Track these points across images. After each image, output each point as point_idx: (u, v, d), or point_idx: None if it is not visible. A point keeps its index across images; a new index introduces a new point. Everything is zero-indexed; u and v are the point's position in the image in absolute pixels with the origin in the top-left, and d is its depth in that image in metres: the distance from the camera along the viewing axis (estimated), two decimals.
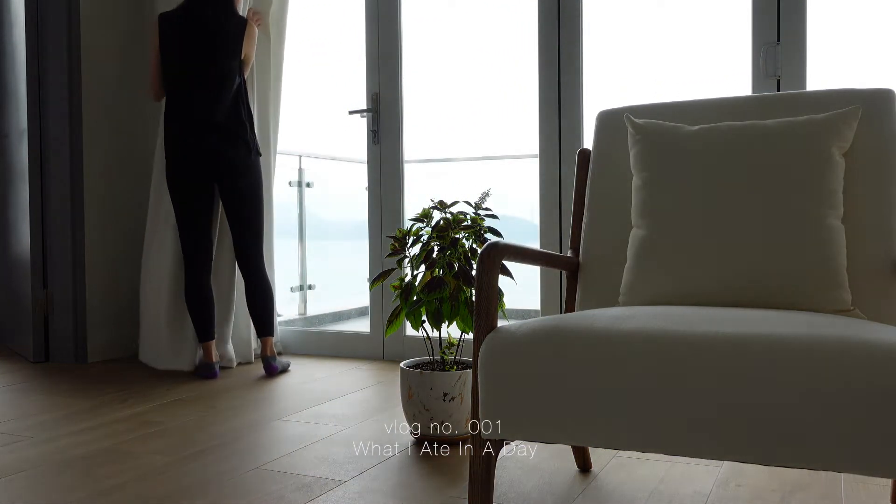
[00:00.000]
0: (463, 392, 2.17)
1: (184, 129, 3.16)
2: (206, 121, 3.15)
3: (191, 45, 3.17)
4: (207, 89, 3.16)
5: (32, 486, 1.84)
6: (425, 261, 2.21)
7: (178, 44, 3.19)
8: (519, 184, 4.39)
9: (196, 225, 3.23)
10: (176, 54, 3.19)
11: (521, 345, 1.31)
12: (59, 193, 3.50)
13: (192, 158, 3.17)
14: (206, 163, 3.17)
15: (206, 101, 3.15)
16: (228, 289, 3.45)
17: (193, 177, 3.19)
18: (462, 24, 5.88)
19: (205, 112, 3.15)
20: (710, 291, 1.55)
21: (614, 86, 3.42)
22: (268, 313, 3.28)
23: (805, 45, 2.75)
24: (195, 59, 3.17)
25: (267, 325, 3.27)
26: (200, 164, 3.17)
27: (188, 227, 3.22)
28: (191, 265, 3.24)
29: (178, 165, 3.18)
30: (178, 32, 3.19)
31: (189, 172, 3.18)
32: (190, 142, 3.16)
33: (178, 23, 3.20)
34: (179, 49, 3.18)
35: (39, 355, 3.55)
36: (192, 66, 3.16)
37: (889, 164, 1.63)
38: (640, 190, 1.70)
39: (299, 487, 1.82)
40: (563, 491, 1.78)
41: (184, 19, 3.20)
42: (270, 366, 3.21)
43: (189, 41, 3.17)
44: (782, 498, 1.71)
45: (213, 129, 3.16)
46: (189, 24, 3.19)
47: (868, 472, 1.10)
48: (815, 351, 1.12)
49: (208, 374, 3.19)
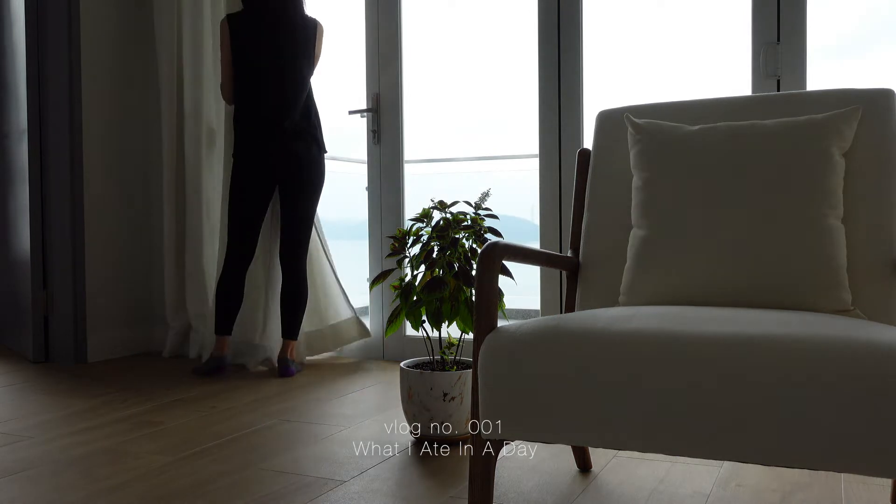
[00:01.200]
0: (463, 392, 2.17)
1: (258, 130, 3.15)
2: (279, 122, 3.15)
3: (267, 45, 3.15)
4: (283, 90, 3.15)
5: (32, 486, 1.84)
6: (425, 261, 2.21)
7: (253, 45, 3.16)
8: (519, 184, 4.39)
9: (252, 224, 3.23)
10: (251, 55, 3.16)
11: (521, 345, 1.31)
12: (59, 193, 3.50)
13: (263, 160, 3.17)
14: (276, 164, 3.17)
15: (281, 102, 3.15)
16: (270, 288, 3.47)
17: (262, 177, 3.19)
18: (462, 24, 5.88)
19: (279, 113, 3.15)
20: (710, 291, 1.55)
21: (614, 86, 3.42)
22: (300, 315, 3.26)
23: (805, 45, 2.75)
24: (272, 60, 3.15)
25: (296, 327, 3.25)
26: (271, 166, 3.17)
27: (243, 224, 3.22)
28: (233, 259, 3.23)
29: (248, 166, 3.18)
30: (252, 33, 3.16)
31: (258, 173, 3.18)
32: (263, 143, 3.15)
33: (252, 23, 3.17)
34: (255, 50, 3.16)
35: (39, 355, 3.55)
36: (269, 66, 3.15)
37: (889, 164, 1.63)
38: (640, 190, 1.70)
39: (299, 487, 1.82)
40: (563, 491, 1.78)
41: (257, 20, 3.17)
42: (288, 368, 3.18)
43: (265, 42, 3.15)
44: (782, 498, 1.71)
45: (286, 130, 3.16)
46: (264, 24, 3.17)
47: (868, 472, 1.10)
48: (815, 351, 1.12)
49: (218, 365, 3.19)
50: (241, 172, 3.20)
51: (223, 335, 3.24)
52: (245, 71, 3.17)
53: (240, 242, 3.23)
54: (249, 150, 3.17)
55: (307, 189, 3.24)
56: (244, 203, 3.21)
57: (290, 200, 3.23)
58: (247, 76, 3.17)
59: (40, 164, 3.54)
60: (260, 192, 3.21)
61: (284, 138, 3.16)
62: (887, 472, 1.09)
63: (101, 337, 3.58)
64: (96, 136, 3.56)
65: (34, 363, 3.51)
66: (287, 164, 3.17)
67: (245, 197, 3.21)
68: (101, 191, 3.58)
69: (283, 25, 3.18)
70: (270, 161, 3.17)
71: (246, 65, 3.17)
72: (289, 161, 3.17)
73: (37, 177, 3.54)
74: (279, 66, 3.15)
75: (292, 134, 3.17)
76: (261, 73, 3.15)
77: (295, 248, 3.24)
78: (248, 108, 3.17)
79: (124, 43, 3.69)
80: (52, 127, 3.50)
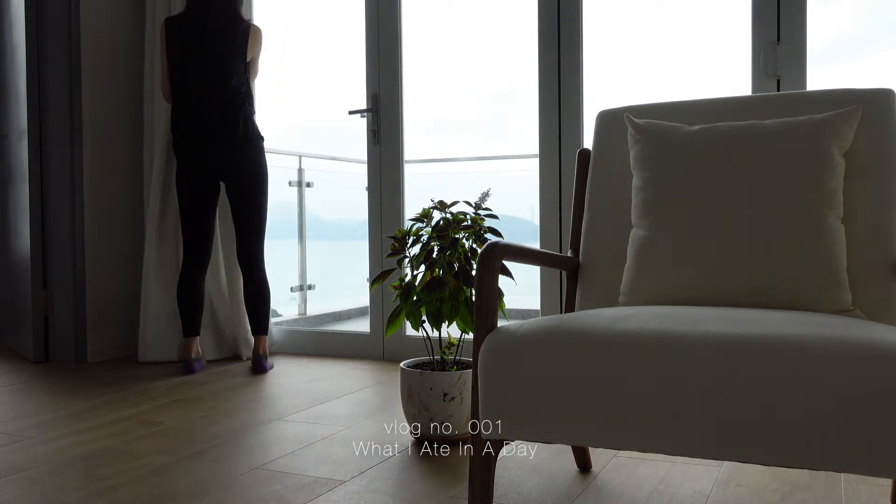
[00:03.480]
0: (463, 392, 2.17)
1: (191, 132, 3.20)
2: (213, 124, 3.18)
3: (197, 49, 3.20)
4: (214, 92, 3.19)
5: (32, 486, 1.84)
6: (425, 261, 2.21)
7: (184, 48, 3.21)
8: (519, 184, 4.39)
9: (201, 225, 3.28)
10: (182, 58, 3.22)
11: (521, 345, 1.31)
12: (59, 193, 3.50)
13: (201, 161, 3.21)
14: (214, 165, 3.21)
15: (213, 104, 3.19)
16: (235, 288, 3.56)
17: (201, 179, 3.24)
18: (462, 23, 5.88)
19: (212, 115, 3.18)
20: (710, 291, 1.55)
21: (614, 86, 3.42)
22: (266, 311, 3.35)
23: (805, 45, 2.75)
24: (201, 64, 3.20)
25: (264, 323, 3.33)
26: (208, 167, 3.22)
27: (193, 227, 3.27)
28: (190, 263, 3.29)
29: (187, 168, 3.23)
30: (183, 37, 3.22)
31: (197, 175, 3.23)
32: (198, 145, 3.20)
33: (185, 27, 3.22)
34: (186, 53, 3.21)
35: (39, 355, 3.55)
36: (199, 70, 3.20)
37: (889, 165, 1.63)
38: (640, 190, 1.70)
39: (299, 487, 1.82)
40: (563, 491, 1.78)
41: (189, 24, 3.22)
42: (262, 364, 3.25)
43: (195, 45, 3.20)
44: (782, 498, 1.71)
45: (220, 132, 3.19)
46: (194, 28, 3.21)
47: (868, 472, 1.10)
48: (815, 351, 1.12)
49: (188, 369, 3.25)
50: (183, 174, 3.26)
51: (192, 336, 3.32)
52: (179, 73, 3.22)
53: (197, 248, 3.28)
54: (188, 151, 3.22)
55: (252, 184, 3.27)
56: (191, 205, 3.26)
57: (237, 199, 3.27)
58: (180, 78, 3.22)
59: (40, 164, 3.54)
60: (203, 192, 3.26)
61: (220, 140, 3.19)
62: (887, 472, 1.09)
63: (101, 337, 3.58)
64: (96, 136, 3.56)
65: (34, 363, 3.51)
66: (226, 162, 3.22)
67: (192, 200, 3.26)
68: (101, 191, 3.58)
69: (212, 27, 3.23)
70: (210, 162, 3.21)
71: (178, 67, 3.22)
72: (227, 160, 3.21)
73: (37, 177, 3.54)
74: (209, 68, 3.20)
75: (229, 135, 3.20)
76: (192, 76, 3.20)
77: (251, 245, 3.30)
78: (183, 110, 3.22)
79: (125, 43, 3.69)
80: (52, 127, 3.50)
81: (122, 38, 3.68)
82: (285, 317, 5.14)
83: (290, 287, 5.12)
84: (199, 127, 3.19)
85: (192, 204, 3.25)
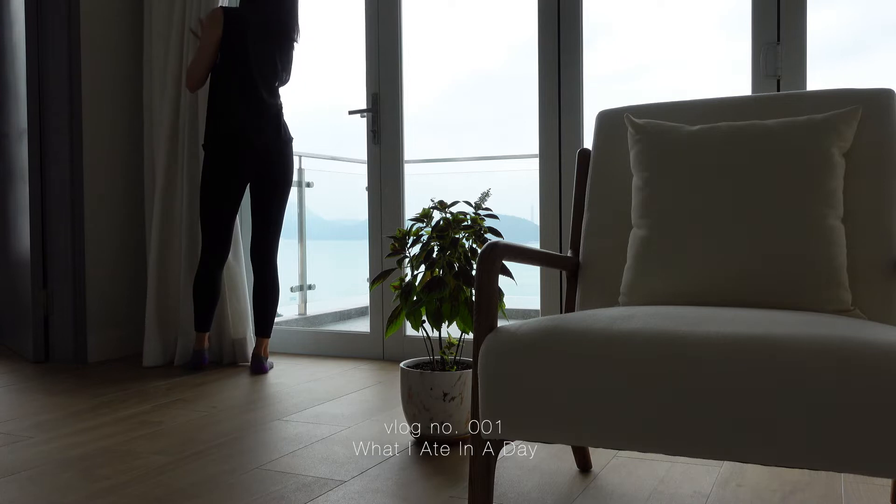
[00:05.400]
0: (463, 392, 2.17)
1: (233, 131, 3.17)
2: (255, 126, 3.18)
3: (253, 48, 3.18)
4: (260, 95, 3.19)
5: (32, 486, 1.84)
6: (425, 261, 2.21)
7: (241, 44, 3.18)
8: (519, 184, 4.39)
9: (225, 221, 3.27)
10: (233, 54, 3.18)
11: (521, 345, 1.31)
12: (59, 193, 3.50)
13: (237, 161, 3.19)
14: (250, 166, 3.21)
15: (258, 106, 3.19)
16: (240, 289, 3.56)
17: (233, 177, 3.22)
18: (462, 23, 5.88)
19: (254, 117, 3.18)
20: (710, 291, 1.55)
21: (614, 86, 3.42)
22: (273, 312, 3.34)
23: (805, 45, 2.75)
24: (255, 63, 3.18)
25: (270, 325, 3.33)
26: (244, 167, 3.21)
27: (215, 223, 3.26)
28: (208, 257, 3.28)
29: (220, 165, 3.21)
30: (243, 33, 3.18)
31: (230, 173, 3.21)
32: (238, 144, 3.18)
33: (246, 24, 3.19)
34: (243, 50, 3.18)
35: (39, 355, 3.55)
36: (250, 70, 3.17)
37: (889, 164, 1.63)
38: (640, 190, 1.70)
39: (299, 487, 1.82)
40: (563, 491, 1.78)
41: (255, 21, 3.20)
42: (262, 365, 3.25)
43: (253, 44, 3.18)
44: (782, 498, 1.71)
45: (261, 135, 3.19)
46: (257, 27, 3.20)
47: (868, 472, 1.10)
48: (815, 351, 1.12)
49: (198, 361, 3.28)
50: (213, 170, 3.23)
51: (204, 331, 3.32)
52: (227, 67, 3.19)
53: (214, 240, 3.27)
54: (221, 147, 3.20)
55: (281, 185, 3.27)
56: (217, 201, 3.25)
57: (263, 198, 3.26)
58: (227, 72, 3.19)
59: (40, 164, 3.54)
60: (233, 190, 3.24)
61: (261, 141, 3.19)
62: (887, 472, 1.09)
63: (101, 337, 3.58)
64: (96, 136, 3.56)
65: (34, 363, 3.51)
66: (259, 161, 3.21)
67: (218, 195, 3.24)
68: (101, 191, 3.58)
69: (278, 27, 3.23)
70: (247, 162, 3.20)
71: (229, 61, 3.19)
72: (261, 159, 3.20)
73: (37, 177, 3.54)
74: (258, 67, 3.19)
75: (270, 137, 3.20)
76: (239, 73, 3.18)
77: (267, 245, 3.29)
78: (222, 105, 3.19)
79: (124, 42, 3.69)
80: (52, 127, 3.50)
81: (122, 38, 3.68)
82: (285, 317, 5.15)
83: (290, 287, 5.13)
84: (241, 127, 3.16)
85: (218, 200, 3.23)
